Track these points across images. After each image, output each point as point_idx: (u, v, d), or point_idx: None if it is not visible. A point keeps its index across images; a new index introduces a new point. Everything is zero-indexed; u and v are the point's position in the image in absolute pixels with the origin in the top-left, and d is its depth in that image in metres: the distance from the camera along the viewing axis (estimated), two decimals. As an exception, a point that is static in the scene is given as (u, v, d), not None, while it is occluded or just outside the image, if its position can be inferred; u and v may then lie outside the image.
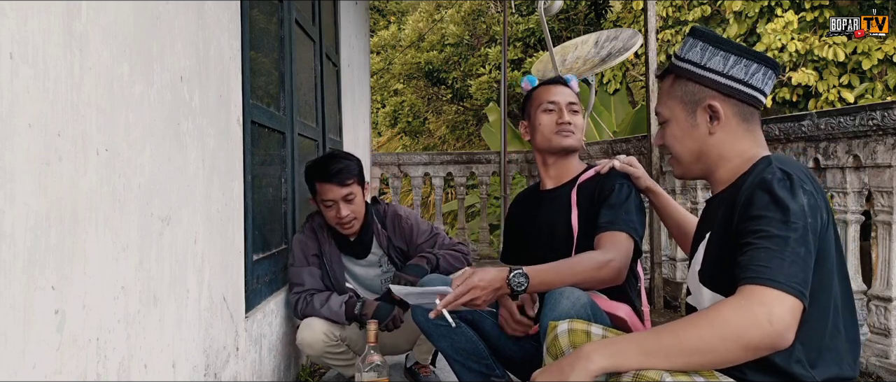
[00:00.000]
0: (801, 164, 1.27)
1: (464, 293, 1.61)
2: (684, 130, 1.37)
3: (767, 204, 1.15)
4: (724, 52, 1.30)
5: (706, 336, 1.09)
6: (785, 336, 1.08)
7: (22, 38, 1.00)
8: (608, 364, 1.14)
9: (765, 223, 1.14)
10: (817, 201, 1.17)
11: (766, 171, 1.20)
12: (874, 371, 2.70)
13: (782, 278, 1.09)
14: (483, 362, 1.98)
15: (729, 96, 1.31)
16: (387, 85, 13.10)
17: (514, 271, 1.65)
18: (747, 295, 1.10)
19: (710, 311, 1.12)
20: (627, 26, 9.12)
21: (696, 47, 1.33)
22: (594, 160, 5.43)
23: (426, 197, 10.62)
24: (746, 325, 1.07)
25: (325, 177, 2.45)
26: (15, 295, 0.99)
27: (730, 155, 1.33)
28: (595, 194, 1.92)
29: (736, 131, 1.32)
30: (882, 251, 2.79)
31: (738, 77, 1.30)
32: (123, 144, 1.34)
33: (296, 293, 2.54)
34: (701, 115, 1.33)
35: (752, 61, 1.29)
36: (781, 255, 1.10)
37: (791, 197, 1.14)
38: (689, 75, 1.34)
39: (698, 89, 1.33)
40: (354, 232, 2.56)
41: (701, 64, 1.32)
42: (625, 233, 1.79)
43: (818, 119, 3.00)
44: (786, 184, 1.16)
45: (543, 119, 2.05)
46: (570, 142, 2.03)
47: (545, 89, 2.09)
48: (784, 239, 1.11)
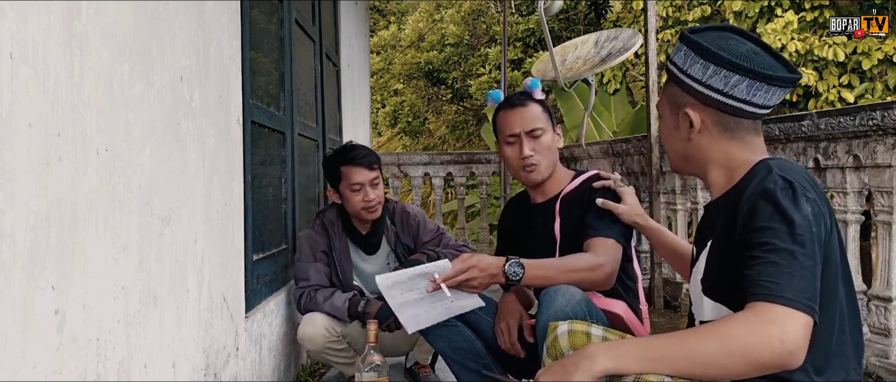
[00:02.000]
0: (802, 168, 1.24)
1: (463, 271, 1.64)
2: (669, 130, 1.39)
3: (771, 216, 1.13)
4: (704, 60, 1.26)
5: (713, 350, 1.08)
6: (796, 356, 1.06)
7: (22, 38, 1.00)
8: (612, 366, 1.14)
9: (770, 235, 1.12)
10: (821, 208, 1.16)
11: (768, 179, 1.17)
12: (874, 371, 2.70)
13: (792, 294, 1.06)
14: (481, 361, 1.98)
15: (707, 105, 1.29)
16: (387, 85, 13.11)
17: (512, 260, 1.67)
18: (758, 312, 1.07)
19: (719, 325, 1.10)
20: (627, 26, 9.12)
21: (681, 51, 1.31)
22: (595, 160, 5.44)
23: (426, 197, 10.62)
24: (756, 343, 1.05)
25: (353, 160, 2.52)
26: (15, 295, 0.98)
27: (717, 159, 1.31)
28: (582, 199, 1.93)
29: (719, 138, 1.30)
30: (882, 251, 2.79)
31: (716, 87, 1.26)
32: (123, 144, 1.34)
33: (300, 287, 2.56)
34: (682, 119, 1.34)
35: (734, 72, 1.24)
36: (790, 270, 1.08)
37: (795, 207, 1.12)
38: (674, 78, 1.34)
39: (680, 93, 1.33)
40: (376, 217, 2.59)
41: (683, 69, 1.31)
42: (613, 239, 1.81)
43: (818, 119, 3.00)
44: (788, 193, 1.14)
45: (507, 152, 2.00)
46: (538, 176, 1.98)
47: (503, 116, 2.01)
48: (791, 252, 1.09)
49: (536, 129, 1.96)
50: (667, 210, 4.40)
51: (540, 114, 1.99)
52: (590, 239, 1.83)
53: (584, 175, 2.01)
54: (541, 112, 2.00)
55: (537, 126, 1.96)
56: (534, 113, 1.98)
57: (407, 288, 1.72)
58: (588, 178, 1.99)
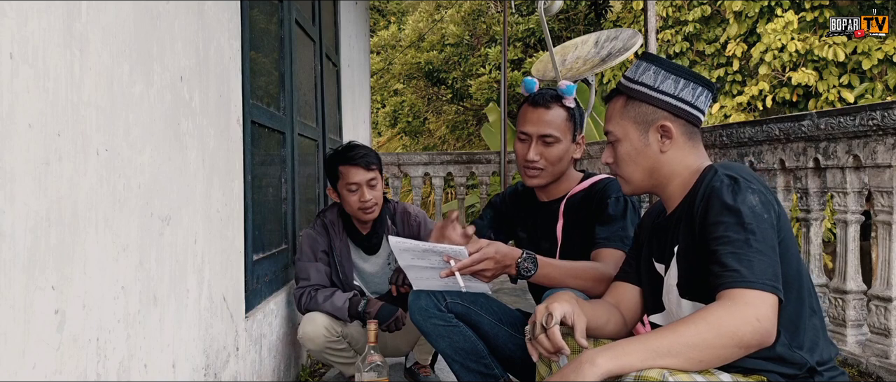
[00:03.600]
0: (744, 166, 1.38)
1: (479, 260, 1.65)
2: (637, 149, 1.43)
3: (720, 210, 1.24)
4: (675, 76, 1.40)
5: (704, 333, 1.14)
6: (771, 333, 1.16)
7: (22, 38, 1.00)
8: (614, 366, 1.15)
9: (723, 228, 1.23)
10: (767, 196, 1.26)
11: (714, 180, 1.29)
12: (874, 371, 2.70)
13: (754, 278, 1.17)
14: (482, 361, 1.98)
15: (678, 117, 1.40)
16: (387, 85, 13.12)
17: (527, 255, 1.67)
18: (731, 297, 1.17)
19: (703, 313, 1.17)
20: (627, 26, 9.12)
21: (649, 70, 1.42)
22: (595, 160, 5.43)
23: (426, 197, 10.62)
24: (739, 324, 1.14)
25: (351, 159, 2.51)
26: (15, 295, 0.98)
27: (679, 170, 1.41)
28: (589, 205, 1.92)
29: (684, 147, 1.41)
30: (882, 251, 2.79)
31: (686, 99, 1.40)
32: (123, 144, 1.34)
33: (300, 287, 2.56)
34: (653, 135, 1.41)
35: (697, 84, 1.40)
36: (748, 256, 1.19)
37: (741, 199, 1.23)
38: (642, 97, 1.42)
39: (651, 110, 1.41)
40: (374, 218, 2.59)
41: (654, 86, 1.41)
42: (621, 251, 1.82)
43: (818, 119, 3.00)
44: (732, 187, 1.26)
45: (518, 148, 1.98)
46: (536, 182, 1.96)
47: (523, 110, 1.98)
48: (745, 241, 1.20)
49: (549, 136, 1.91)
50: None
51: (560, 122, 1.92)
52: (599, 249, 1.83)
53: (592, 178, 2.00)
54: (563, 119, 1.93)
55: (550, 133, 1.91)
56: (553, 118, 1.92)
57: (418, 257, 1.76)
58: (596, 182, 1.98)
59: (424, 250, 1.72)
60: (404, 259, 1.77)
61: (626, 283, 1.53)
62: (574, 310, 1.27)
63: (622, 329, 1.48)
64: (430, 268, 1.76)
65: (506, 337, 1.97)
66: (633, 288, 1.52)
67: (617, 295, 1.53)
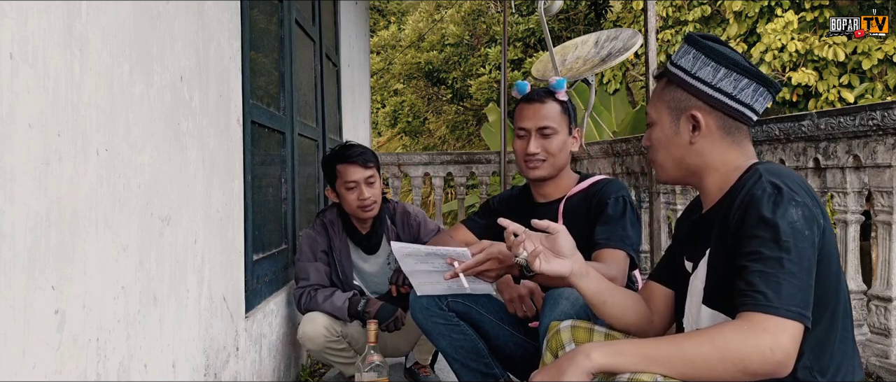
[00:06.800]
0: (792, 172, 1.24)
1: (484, 261, 1.63)
2: (667, 136, 1.35)
3: (757, 223, 1.14)
4: (715, 63, 1.27)
5: (707, 354, 1.09)
6: (785, 365, 1.08)
7: (22, 38, 1.00)
8: (607, 362, 1.15)
9: (757, 243, 1.13)
10: (812, 210, 1.15)
11: (756, 187, 1.18)
12: (874, 371, 2.70)
13: (780, 304, 1.08)
14: (482, 361, 1.98)
15: (714, 108, 1.29)
16: (387, 85, 13.12)
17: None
18: (750, 321, 1.09)
19: (713, 331, 1.12)
20: (627, 26, 9.12)
21: (689, 54, 1.31)
22: (595, 160, 5.44)
23: (426, 197, 10.62)
24: (749, 352, 1.07)
25: (348, 158, 2.53)
26: (15, 295, 0.98)
27: (716, 165, 1.30)
28: (588, 206, 1.92)
29: (719, 143, 1.30)
30: (882, 251, 2.79)
31: (726, 90, 1.27)
32: (123, 144, 1.34)
33: (300, 286, 2.56)
34: (684, 123, 1.31)
35: (743, 76, 1.26)
36: (778, 278, 1.09)
37: (781, 213, 1.12)
38: (679, 81, 1.32)
39: (685, 97, 1.31)
40: (372, 216, 2.59)
41: (691, 72, 1.30)
42: (622, 251, 1.81)
43: (818, 119, 2.99)
44: (774, 198, 1.14)
45: (516, 144, 2.00)
46: (539, 173, 1.97)
47: (519, 109, 2.01)
48: (778, 260, 1.10)
49: (547, 128, 1.95)
50: (666, 210, 4.40)
51: (555, 114, 1.97)
52: (601, 249, 1.82)
53: (590, 179, 2.00)
54: (558, 112, 1.97)
55: (548, 125, 1.95)
56: (549, 111, 1.96)
57: (421, 261, 1.75)
58: (594, 183, 1.98)
59: (427, 254, 1.71)
60: (407, 264, 1.76)
61: (656, 283, 1.45)
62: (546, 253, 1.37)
63: (647, 324, 1.42)
64: (433, 272, 1.76)
65: (506, 337, 1.98)
66: (662, 289, 1.44)
67: (647, 293, 1.47)
